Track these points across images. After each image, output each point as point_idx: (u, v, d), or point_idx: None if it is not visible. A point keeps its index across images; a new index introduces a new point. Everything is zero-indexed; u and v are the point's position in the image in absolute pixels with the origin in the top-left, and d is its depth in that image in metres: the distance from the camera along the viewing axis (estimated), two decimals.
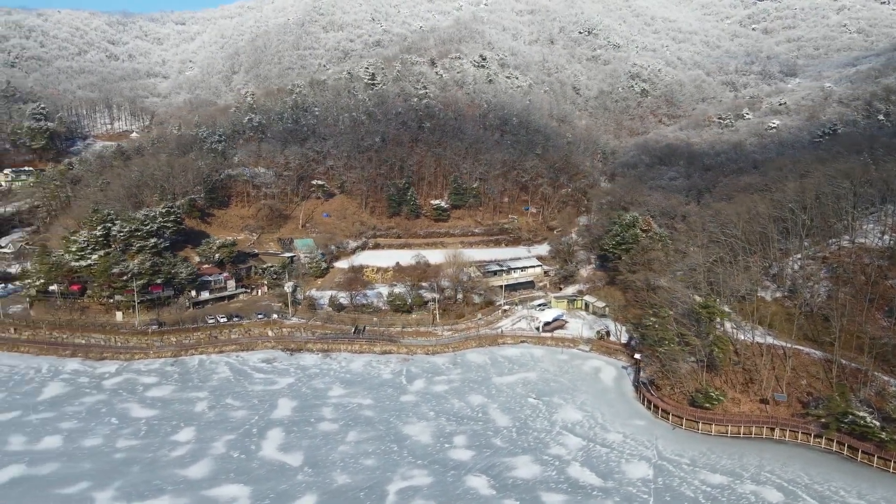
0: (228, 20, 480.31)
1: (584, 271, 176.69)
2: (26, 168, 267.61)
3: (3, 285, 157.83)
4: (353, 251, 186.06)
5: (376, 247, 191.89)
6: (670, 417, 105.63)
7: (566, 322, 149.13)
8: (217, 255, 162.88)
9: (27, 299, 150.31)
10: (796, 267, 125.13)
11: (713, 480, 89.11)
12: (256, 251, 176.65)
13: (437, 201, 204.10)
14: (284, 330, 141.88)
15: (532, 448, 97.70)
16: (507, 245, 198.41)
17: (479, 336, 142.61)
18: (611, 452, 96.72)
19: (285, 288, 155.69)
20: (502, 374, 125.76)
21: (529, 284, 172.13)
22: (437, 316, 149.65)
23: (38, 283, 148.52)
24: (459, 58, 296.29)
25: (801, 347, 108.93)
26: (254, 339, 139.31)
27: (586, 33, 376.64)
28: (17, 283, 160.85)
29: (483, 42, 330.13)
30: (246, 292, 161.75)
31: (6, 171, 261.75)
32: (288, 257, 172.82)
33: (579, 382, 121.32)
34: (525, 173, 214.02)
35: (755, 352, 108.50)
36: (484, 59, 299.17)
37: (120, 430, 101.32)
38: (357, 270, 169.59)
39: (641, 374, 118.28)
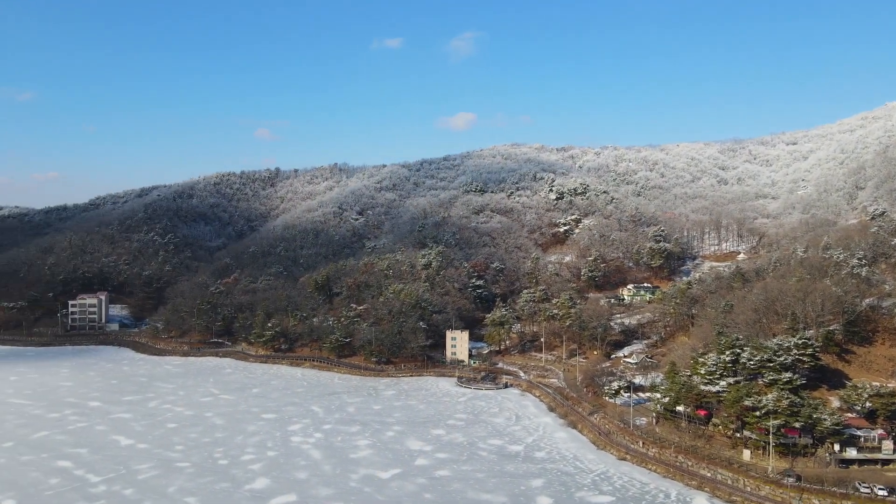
0: (849, 134, 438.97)
1: None
2: (645, 284, 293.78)
3: (630, 395, 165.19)
4: None
5: None
6: None
7: None
8: (867, 405, 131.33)
9: (653, 414, 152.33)
10: None
11: None
12: None
13: None
14: None
15: None
16: None
17: None
18: None
19: None
20: None
21: None
22: None
23: (665, 400, 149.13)
24: None
25: None
26: None
27: None
28: (643, 394, 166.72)
29: None
30: None
31: (629, 286, 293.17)
32: None
33: None
34: None
35: None
36: None
37: None
38: None
39: None
